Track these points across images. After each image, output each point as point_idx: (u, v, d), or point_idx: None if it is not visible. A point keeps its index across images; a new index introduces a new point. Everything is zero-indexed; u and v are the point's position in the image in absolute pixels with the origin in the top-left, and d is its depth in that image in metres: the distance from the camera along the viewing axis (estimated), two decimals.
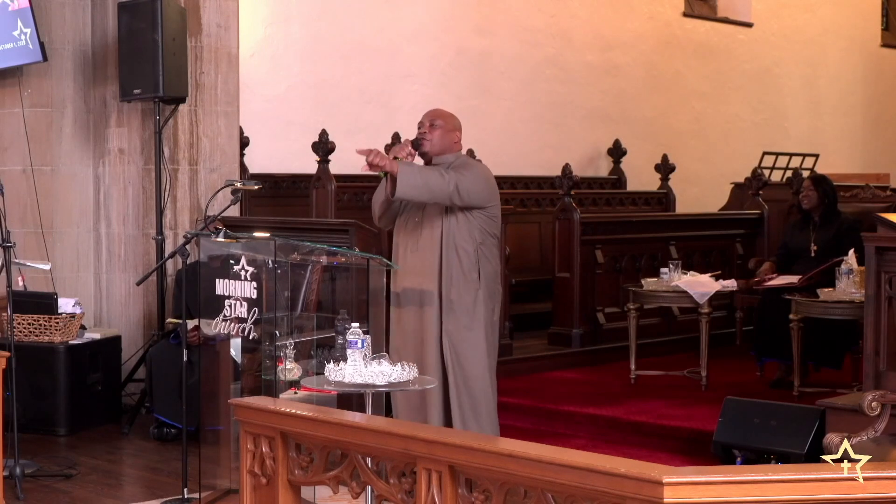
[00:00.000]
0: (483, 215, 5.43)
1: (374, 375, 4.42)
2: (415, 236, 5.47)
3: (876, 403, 4.56)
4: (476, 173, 5.44)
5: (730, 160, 13.04)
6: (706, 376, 7.36)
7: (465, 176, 5.34)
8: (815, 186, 7.56)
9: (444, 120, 5.55)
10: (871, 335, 5.46)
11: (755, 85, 14.01)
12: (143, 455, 6.68)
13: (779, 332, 7.06)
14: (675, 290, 7.40)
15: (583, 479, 2.81)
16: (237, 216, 7.79)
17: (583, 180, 10.54)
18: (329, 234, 7.07)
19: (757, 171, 10.49)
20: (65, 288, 7.79)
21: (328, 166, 8.69)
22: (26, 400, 6.69)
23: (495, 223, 5.51)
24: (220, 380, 5.68)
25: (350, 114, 10.17)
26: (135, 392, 7.54)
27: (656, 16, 12.95)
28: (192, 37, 7.88)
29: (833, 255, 7.02)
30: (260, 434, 3.67)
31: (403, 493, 3.27)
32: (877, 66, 15.66)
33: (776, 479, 2.73)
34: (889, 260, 5.40)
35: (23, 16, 7.62)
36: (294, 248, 5.38)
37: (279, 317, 5.24)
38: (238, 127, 8.32)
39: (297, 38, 10.07)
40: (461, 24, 11.16)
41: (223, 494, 5.42)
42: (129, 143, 8.01)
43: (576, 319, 8.58)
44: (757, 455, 5.74)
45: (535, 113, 11.78)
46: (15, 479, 5.66)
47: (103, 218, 8.16)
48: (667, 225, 9.64)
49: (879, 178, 12.72)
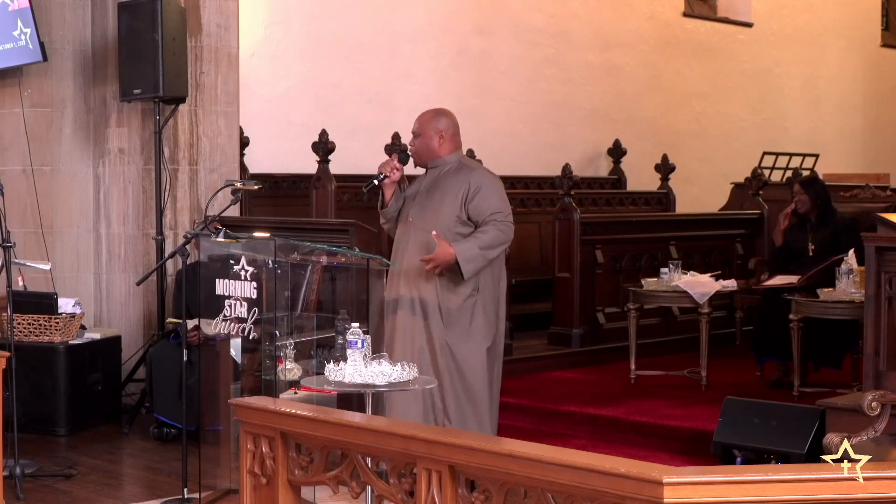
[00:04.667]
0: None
1: (374, 375, 4.42)
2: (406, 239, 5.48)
3: (876, 403, 4.56)
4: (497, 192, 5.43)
5: (730, 160, 13.04)
6: (706, 376, 7.36)
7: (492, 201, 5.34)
8: (806, 189, 7.58)
9: (423, 126, 5.50)
10: (871, 335, 5.46)
11: (755, 85, 14.01)
12: (143, 455, 6.68)
13: (779, 332, 7.06)
14: (675, 290, 7.40)
15: (583, 479, 2.81)
16: (237, 216, 7.79)
17: (583, 180, 10.54)
18: (329, 234, 7.07)
19: (757, 171, 10.49)
20: (65, 288, 7.79)
21: (328, 166, 8.69)
22: (26, 400, 6.68)
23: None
24: (220, 380, 5.69)
25: (350, 114, 10.17)
26: (135, 392, 7.54)
27: (656, 16, 12.95)
28: (192, 37, 7.88)
29: (831, 254, 7.02)
30: (260, 434, 3.67)
31: (403, 493, 3.27)
32: (877, 66, 15.66)
33: (776, 479, 2.73)
34: (889, 260, 5.40)
35: (23, 16, 7.62)
36: (294, 248, 5.38)
37: (279, 317, 5.24)
38: (238, 127, 8.32)
39: (297, 38, 10.07)
40: (461, 24, 11.16)
41: (223, 494, 5.42)
42: (129, 143, 8.01)
43: (576, 319, 8.58)
44: (757, 455, 5.74)
45: (535, 113, 11.78)
46: (15, 479, 5.67)
47: (103, 218, 8.16)
48: (667, 225, 9.64)
49: (879, 178, 12.72)
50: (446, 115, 5.55)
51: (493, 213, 5.32)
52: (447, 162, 5.48)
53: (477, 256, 5.26)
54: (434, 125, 5.49)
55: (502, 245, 5.36)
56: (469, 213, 5.36)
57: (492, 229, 5.30)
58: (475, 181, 5.39)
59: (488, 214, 5.32)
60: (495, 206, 5.34)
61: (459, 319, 5.35)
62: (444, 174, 5.48)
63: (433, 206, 5.42)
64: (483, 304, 5.39)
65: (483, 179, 5.42)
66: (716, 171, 12.89)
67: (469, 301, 5.36)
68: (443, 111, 5.57)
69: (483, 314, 5.39)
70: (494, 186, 5.43)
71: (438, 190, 5.44)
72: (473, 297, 5.36)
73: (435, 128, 5.49)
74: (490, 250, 5.29)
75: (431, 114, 5.54)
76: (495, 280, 5.48)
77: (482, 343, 5.40)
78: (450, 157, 5.49)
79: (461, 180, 5.41)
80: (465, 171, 5.47)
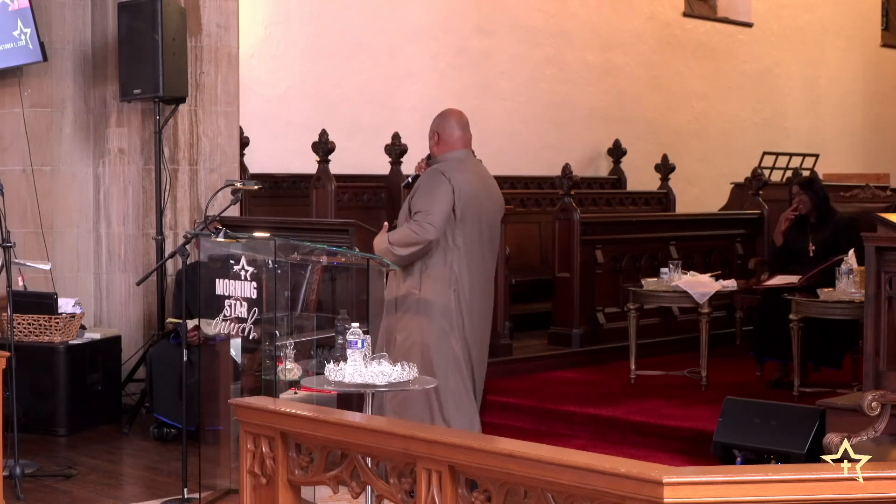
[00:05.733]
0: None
1: (374, 375, 4.42)
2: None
3: (876, 403, 4.56)
4: (429, 192, 5.40)
5: (730, 160, 13.04)
6: (706, 376, 7.36)
7: (419, 200, 5.36)
8: (805, 190, 7.58)
9: (431, 126, 5.58)
10: (871, 335, 5.46)
11: (755, 85, 14.01)
12: (143, 455, 6.68)
13: (779, 332, 7.06)
14: (675, 290, 7.40)
15: (583, 479, 2.81)
16: (237, 216, 7.79)
17: (583, 180, 10.54)
18: (329, 234, 7.07)
19: (757, 171, 10.49)
20: (65, 288, 7.79)
21: (328, 166, 8.69)
22: (26, 400, 6.68)
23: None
24: (220, 380, 5.68)
25: (350, 114, 10.17)
26: (135, 392, 7.54)
27: (656, 16, 12.95)
28: (192, 37, 7.88)
29: (831, 254, 7.03)
30: (260, 434, 3.67)
31: (403, 493, 3.27)
32: (877, 66, 15.66)
33: (776, 479, 2.73)
34: (889, 260, 5.40)
35: (23, 16, 7.62)
36: (294, 248, 5.38)
37: (279, 317, 5.24)
38: (238, 127, 8.32)
39: (297, 38, 10.07)
40: (461, 24, 11.16)
41: (223, 494, 5.42)
42: (129, 143, 8.01)
43: (576, 319, 8.58)
44: (757, 455, 5.74)
45: (535, 113, 11.78)
46: (15, 479, 5.67)
47: (103, 218, 8.16)
48: (667, 225, 9.64)
49: (879, 178, 12.72)
50: (444, 116, 5.60)
51: (416, 211, 5.37)
52: (437, 161, 5.52)
53: (385, 250, 5.32)
54: (434, 126, 5.59)
55: (414, 244, 5.30)
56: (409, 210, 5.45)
57: (405, 227, 5.36)
58: (420, 180, 5.48)
59: (413, 213, 5.38)
60: (419, 206, 5.38)
61: (404, 311, 5.40)
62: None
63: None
64: (423, 301, 5.39)
65: (424, 179, 5.49)
66: (716, 171, 12.89)
67: (411, 298, 5.39)
68: (445, 112, 5.63)
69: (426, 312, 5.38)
70: (429, 186, 5.44)
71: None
72: (415, 294, 5.38)
73: (432, 128, 5.58)
74: (398, 247, 5.31)
75: (437, 115, 5.63)
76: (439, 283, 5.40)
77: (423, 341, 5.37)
78: (441, 157, 5.53)
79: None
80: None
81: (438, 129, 5.53)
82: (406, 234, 5.32)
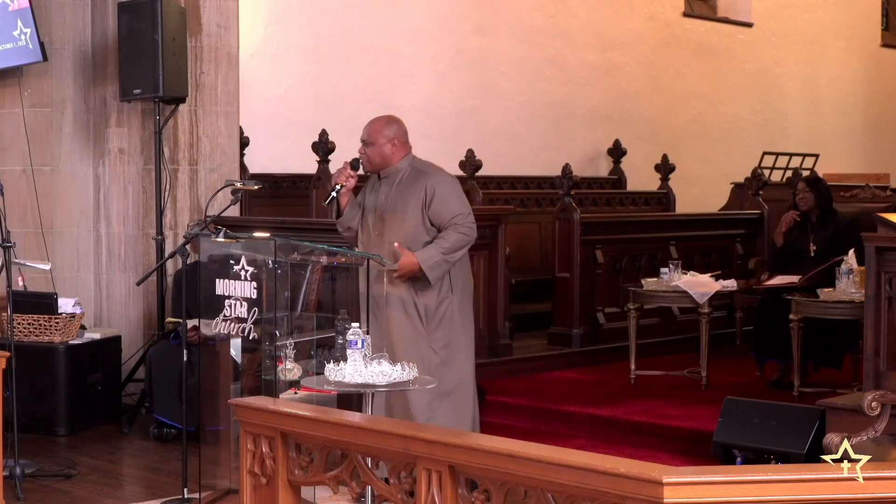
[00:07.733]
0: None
1: (374, 375, 4.42)
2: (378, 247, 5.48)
3: (876, 403, 4.56)
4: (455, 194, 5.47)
5: (730, 160, 13.04)
6: (706, 376, 7.36)
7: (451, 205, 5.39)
8: (811, 188, 7.58)
9: (373, 135, 5.51)
10: (871, 335, 5.46)
11: (755, 85, 14.01)
12: (143, 455, 6.68)
13: (779, 332, 7.06)
14: (675, 290, 7.39)
15: (583, 479, 2.81)
16: (237, 216, 7.79)
17: (583, 180, 10.53)
18: (329, 234, 7.05)
19: (757, 171, 10.49)
20: (65, 288, 7.79)
21: (328, 166, 8.68)
22: (26, 400, 6.69)
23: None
24: (220, 380, 5.68)
25: (350, 114, 10.13)
26: (135, 392, 7.54)
27: (656, 16, 12.95)
28: (192, 37, 7.88)
29: (832, 254, 7.03)
30: (260, 434, 3.67)
31: (403, 493, 3.27)
32: (877, 66, 15.66)
33: (776, 479, 2.73)
34: (889, 260, 5.40)
35: (23, 16, 7.62)
36: (294, 248, 5.38)
37: (279, 317, 5.24)
38: (238, 127, 8.32)
39: (297, 38, 10.07)
40: (461, 24, 11.16)
41: (223, 494, 5.42)
42: (129, 143, 8.01)
43: (576, 319, 8.58)
44: (757, 455, 5.74)
45: (535, 113, 11.78)
46: (15, 479, 5.66)
47: (103, 218, 8.16)
48: (667, 225, 9.64)
49: (879, 178, 12.73)
50: (396, 122, 5.58)
51: (454, 216, 5.38)
52: (399, 169, 5.51)
53: (441, 262, 5.34)
54: (385, 133, 5.51)
55: (465, 247, 5.43)
56: (431, 219, 5.42)
57: (452, 233, 5.37)
58: (430, 186, 5.43)
59: (449, 218, 5.39)
60: (455, 209, 5.40)
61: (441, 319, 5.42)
62: (401, 182, 5.50)
63: (397, 217, 5.46)
64: (460, 302, 5.48)
65: (439, 183, 5.46)
66: (716, 171, 12.89)
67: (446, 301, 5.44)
68: (393, 118, 5.61)
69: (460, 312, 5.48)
70: (451, 188, 5.47)
71: (400, 199, 5.47)
72: (449, 297, 5.43)
73: (386, 136, 5.51)
74: (453, 254, 5.37)
75: (383, 122, 5.57)
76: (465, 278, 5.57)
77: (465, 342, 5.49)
78: (402, 164, 5.52)
79: (419, 187, 5.44)
80: (421, 176, 5.49)
81: (394, 136, 5.50)
82: (459, 239, 5.37)
